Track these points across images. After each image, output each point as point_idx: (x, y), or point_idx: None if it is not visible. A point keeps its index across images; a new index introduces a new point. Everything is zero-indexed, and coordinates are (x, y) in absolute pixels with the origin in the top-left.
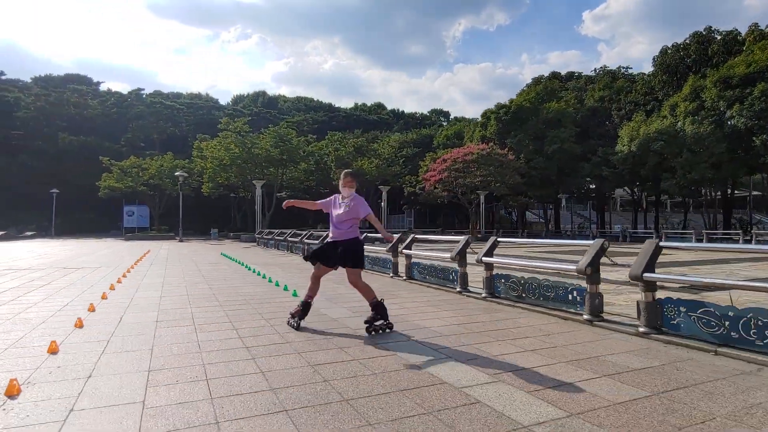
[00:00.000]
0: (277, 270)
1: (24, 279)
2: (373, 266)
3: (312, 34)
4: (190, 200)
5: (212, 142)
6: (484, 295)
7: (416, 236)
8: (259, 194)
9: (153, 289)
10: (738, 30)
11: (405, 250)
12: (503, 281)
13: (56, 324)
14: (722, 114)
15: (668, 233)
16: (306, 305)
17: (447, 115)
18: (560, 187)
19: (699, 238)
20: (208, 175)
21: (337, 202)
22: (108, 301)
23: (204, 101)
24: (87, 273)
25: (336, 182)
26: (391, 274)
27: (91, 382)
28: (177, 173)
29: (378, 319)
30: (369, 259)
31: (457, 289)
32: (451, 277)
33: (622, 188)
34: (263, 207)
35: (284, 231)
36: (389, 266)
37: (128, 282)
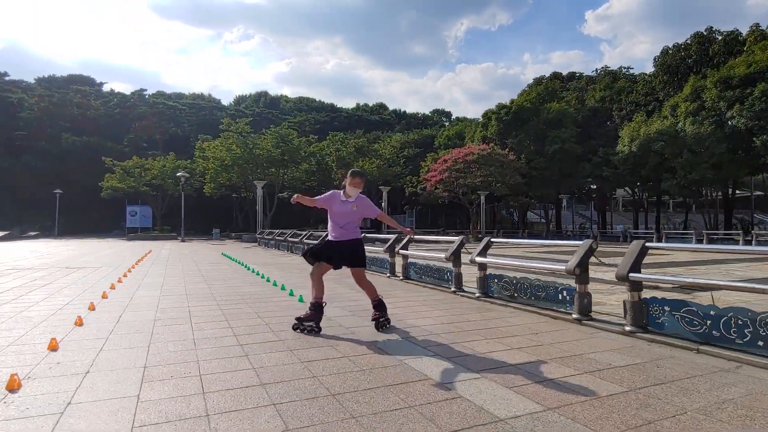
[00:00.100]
0: (276, 270)
1: (26, 278)
2: (371, 266)
3: (314, 35)
4: (192, 200)
5: (214, 143)
6: (478, 295)
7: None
8: (261, 195)
9: (153, 289)
10: (739, 30)
11: (402, 251)
12: (496, 281)
13: (57, 322)
14: (723, 114)
15: (669, 233)
16: (318, 306)
17: (449, 116)
18: (561, 188)
19: (699, 239)
20: (210, 176)
21: (339, 201)
22: (108, 300)
23: (206, 102)
24: (88, 273)
25: (337, 182)
26: (388, 274)
27: (89, 378)
28: (179, 173)
29: (382, 317)
30: (367, 259)
31: (452, 289)
32: (446, 277)
33: (623, 188)
34: (265, 207)
35: (284, 231)
36: (386, 266)
37: (129, 281)
